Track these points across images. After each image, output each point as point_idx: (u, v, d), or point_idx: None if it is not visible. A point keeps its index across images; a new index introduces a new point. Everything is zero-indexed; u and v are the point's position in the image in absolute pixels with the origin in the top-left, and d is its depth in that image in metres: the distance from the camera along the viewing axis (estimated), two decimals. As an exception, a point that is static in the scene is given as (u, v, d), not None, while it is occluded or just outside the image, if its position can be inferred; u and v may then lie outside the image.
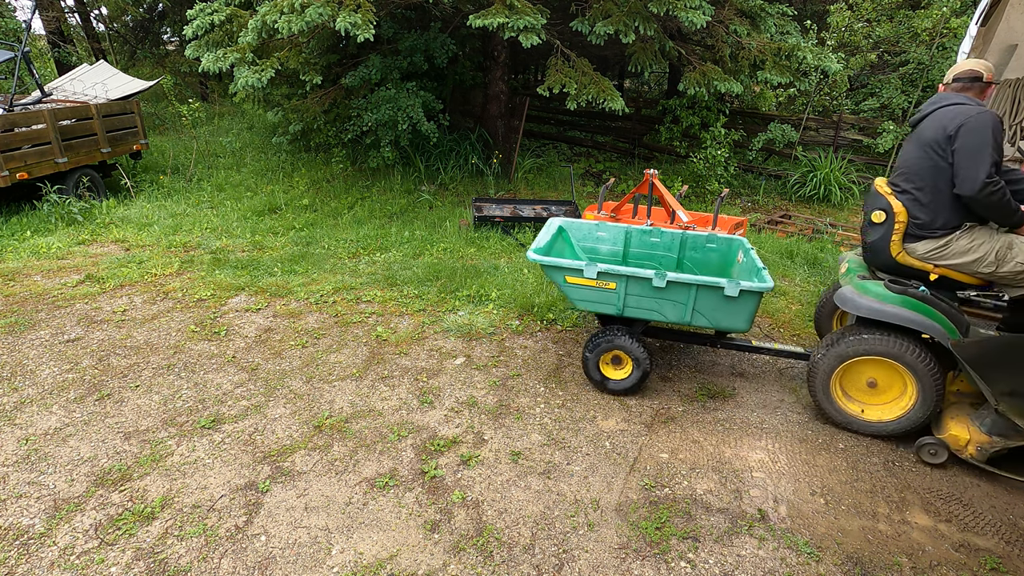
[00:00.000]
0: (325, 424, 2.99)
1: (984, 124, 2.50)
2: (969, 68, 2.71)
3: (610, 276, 3.05)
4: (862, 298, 2.80)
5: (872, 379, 2.95)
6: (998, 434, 2.59)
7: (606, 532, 2.36)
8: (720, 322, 3.02)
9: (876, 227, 2.85)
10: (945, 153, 2.59)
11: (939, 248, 2.72)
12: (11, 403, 3.10)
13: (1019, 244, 2.65)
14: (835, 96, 10.19)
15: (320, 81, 6.67)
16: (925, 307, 2.69)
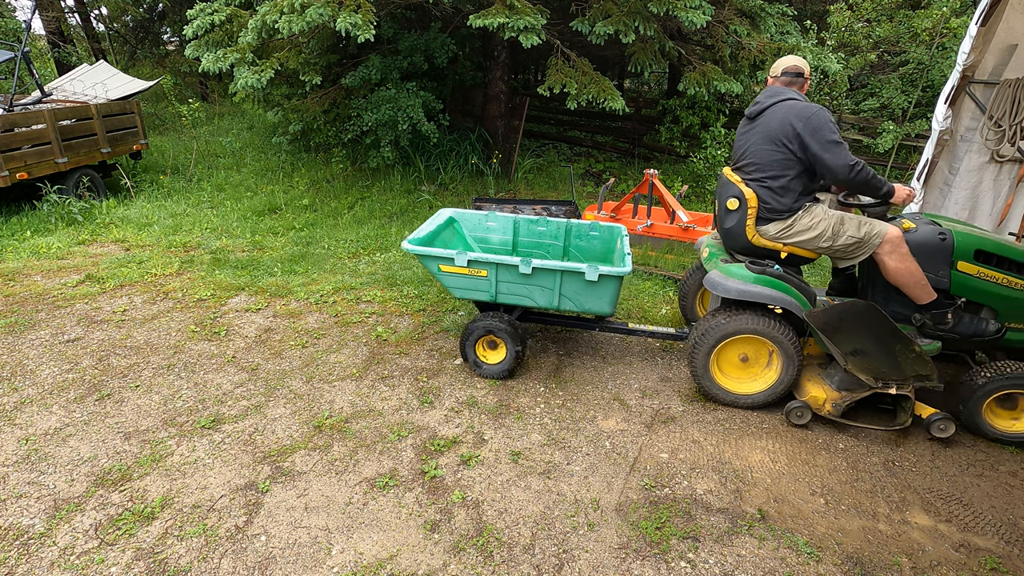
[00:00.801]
0: (325, 424, 2.99)
1: (825, 119, 2.80)
2: (793, 64, 2.98)
3: (480, 264, 3.20)
4: (729, 281, 3.01)
5: (744, 354, 3.17)
6: (846, 389, 2.96)
7: (606, 532, 2.36)
8: (585, 305, 3.21)
9: (731, 213, 3.07)
10: (793, 146, 2.85)
11: (786, 228, 2.98)
12: (11, 403, 3.10)
13: (849, 220, 2.93)
14: (835, 96, 10.19)
15: (320, 81, 6.68)
16: (781, 284, 2.96)
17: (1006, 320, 2.97)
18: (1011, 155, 4.15)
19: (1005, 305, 2.93)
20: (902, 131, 8.42)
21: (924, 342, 3.00)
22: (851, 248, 2.94)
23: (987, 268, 2.89)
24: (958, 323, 2.98)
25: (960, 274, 2.90)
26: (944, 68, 9.17)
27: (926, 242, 2.91)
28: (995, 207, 4.38)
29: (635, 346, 3.88)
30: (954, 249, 2.88)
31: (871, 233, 2.89)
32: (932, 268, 2.91)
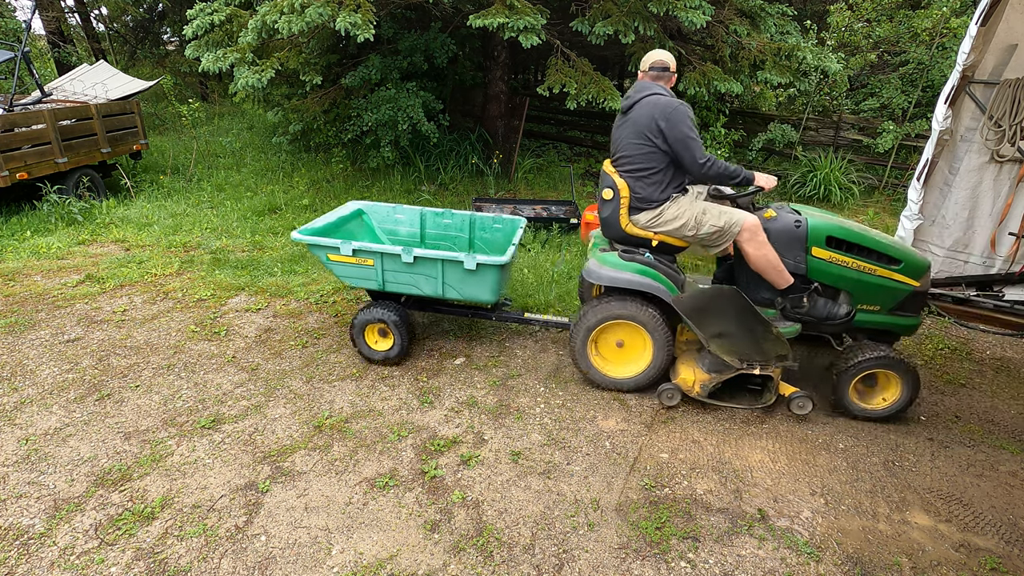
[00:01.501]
0: (325, 424, 2.99)
1: (683, 115, 2.93)
2: (660, 59, 3.10)
3: (366, 253, 3.30)
4: (602, 269, 3.15)
5: (620, 340, 3.29)
6: (715, 371, 3.09)
7: (606, 532, 2.36)
8: (467, 293, 3.33)
9: (607, 203, 3.17)
10: (658, 140, 2.97)
11: (655, 217, 3.10)
12: (11, 403, 3.10)
13: (711, 210, 3.06)
14: (835, 96, 10.19)
15: (320, 81, 6.67)
16: (650, 271, 3.10)
17: (859, 303, 3.10)
18: (1011, 155, 4.15)
19: (856, 288, 3.08)
20: (902, 131, 8.42)
21: (785, 325, 3.14)
22: (714, 236, 3.06)
23: (838, 253, 3.03)
24: (813, 306, 3.12)
25: (815, 259, 3.05)
26: (944, 68, 9.16)
27: (783, 229, 3.05)
28: (995, 207, 4.38)
29: (635, 346, 3.88)
30: (808, 236, 3.02)
31: (730, 222, 3.02)
32: (790, 254, 3.06)
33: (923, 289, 3.07)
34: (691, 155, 2.93)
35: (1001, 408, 3.35)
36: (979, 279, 4.53)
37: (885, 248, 3.02)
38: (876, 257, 3.03)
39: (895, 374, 3.04)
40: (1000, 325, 4.27)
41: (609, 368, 3.33)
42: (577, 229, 6.04)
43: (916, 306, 3.13)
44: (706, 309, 2.98)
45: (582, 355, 3.29)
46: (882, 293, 3.06)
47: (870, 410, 3.14)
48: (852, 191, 8.24)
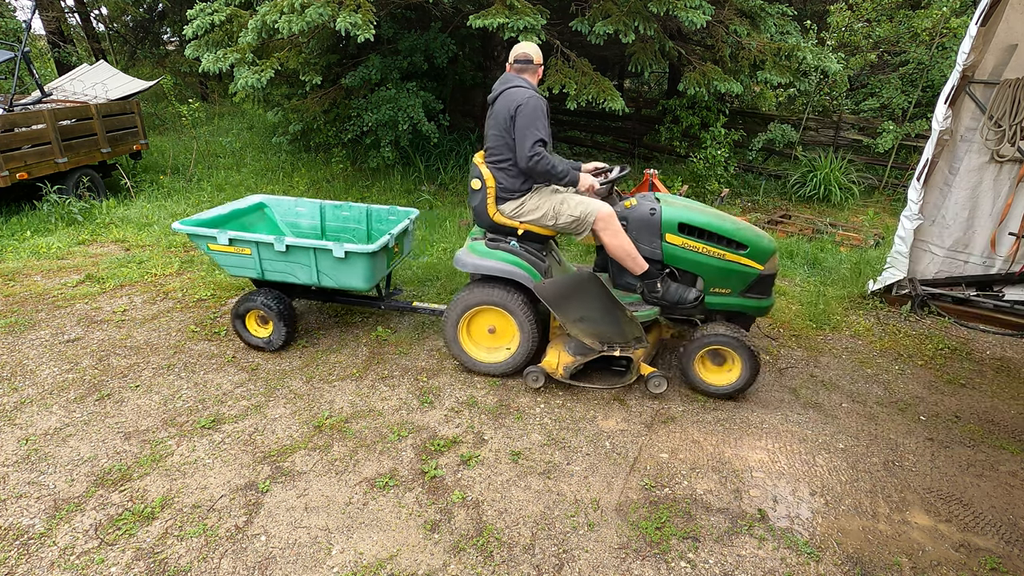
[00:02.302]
0: (325, 424, 2.99)
1: (534, 108, 2.99)
2: (524, 51, 3.18)
3: (242, 242, 3.42)
4: (469, 257, 3.26)
5: (492, 326, 3.39)
6: (578, 353, 3.22)
7: (606, 532, 2.36)
8: (341, 281, 3.43)
9: (475, 193, 3.26)
10: (510, 131, 3.05)
11: (519, 207, 3.20)
12: (11, 403, 3.10)
13: (569, 200, 3.17)
14: (835, 96, 10.19)
15: (320, 81, 6.67)
16: (514, 258, 3.20)
17: (712, 286, 3.25)
18: (1011, 155, 4.15)
19: (707, 272, 3.22)
20: (902, 131, 8.42)
21: (645, 309, 3.27)
22: (573, 225, 3.18)
23: (690, 239, 3.17)
24: (667, 291, 3.24)
25: (669, 245, 3.19)
26: (944, 68, 9.16)
27: (640, 218, 3.19)
28: (995, 207, 4.37)
29: (635, 346, 3.88)
30: (662, 223, 3.16)
31: (586, 212, 3.13)
32: (647, 240, 3.20)
33: (769, 272, 3.21)
34: (523, 145, 2.99)
35: (1001, 408, 3.35)
36: (979, 279, 4.53)
37: (732, 234, 3.15)
38: (725, 242, 3.16)
39: (736, 353, 3.18)
40: (1000, 325, 4.27)
41: (482, 354, 3.42)
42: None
43: (765, 288, 3.27)
44: (568, 295, 3.06)
45: (454, 342, 3.38)
46: (731, 277, 3.20)
47: (712, 386, 3.29)
48: (852, 191, 8.24)
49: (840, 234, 6.59)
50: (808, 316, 4.36)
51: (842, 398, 3.38)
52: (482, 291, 3.25)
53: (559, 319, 3.13)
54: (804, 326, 4.24)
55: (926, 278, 4.67)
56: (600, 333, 3.15)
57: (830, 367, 3.72)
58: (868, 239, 6.37)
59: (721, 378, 3.29)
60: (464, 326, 3.38)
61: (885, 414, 3.24)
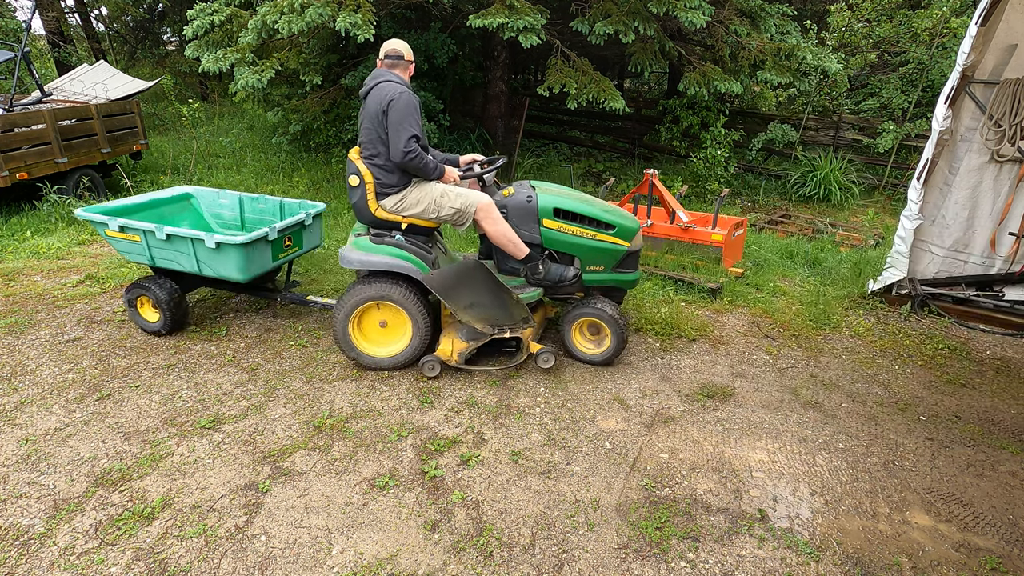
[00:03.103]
0: (325, 424, 2.99)
1: (406, 103, 3.04)
2: (394, 47, 3.25)
3: (131, 229, 3.55)
4: (352, 253, 3.28)
5: (383, 320, 3.42)
6: (471, 339, 3.36)
7: (606, 532, 2.36)
8: (219, 271, 3.52)
9: (353, 190, 3.27)
10: (383, 125, 3.08)
11: (400, 201, 3.24)
12: (11, 403, 3.10)
13: (449, 193, 3.26)
14: (835, 96, 10.19)
15: (320, 81, 6.67)
16: (400, 252, 3.25)
17: (587, 264, 3.48)
18: (1011, 155, 4.15)
19: (582, 252, 3.45)
20: (902, 131, 8.42)
21: (529, 290, 3.44)
22: (455, 217, 3.27)
23: (565, 223, 3.38)
24: (548, 272, 3.42)
25: (546, 229, 3.39)
26: (944, 68, 9.16)
27: (518, 205, 3.37)
28: (995, 207, 4.37)
29: (635, 346, 3.88)
30: (538, 209, 3.36)
31: (467, 203, 3.23)
32: (526, 226, 3.38)
33: (635, 248, 3.52)
34: (397, 141, 3.02)
35: (1001, 408, 3.35)
36: (979, 279, 4.53)
37: (601, 216, 3.40)
38: (595, 224, 3.41)
39: (607, 326, 3.47)
40: (1000, 325, 4.27)
41: (375, 349, 3.45)
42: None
43: (633, 263, 3.59)
44: (456, 283, 3.18)
45: (344, 339, 3.38)
46: (603, 255, 3.47)
47: (587, 354, 3.59)
48: (852, 191, 8.25)
49: (840, 234, 6.59)
50: (808, 316, 4.36)
51: (842, 398, 3.38)
52: (371, 287, 3.27)
53: (450, 308, 3.22)
54: (804, 326, 4.24)
55: (926, 278, 4.67)
56: (490, 317, 3.29)
57: (830, 367, 3.72)
58: (868, 239, 6.38)
59: (594, 347, 3.59)
60: (354, 322, 3.38)
61: (885, 414, 3.24)
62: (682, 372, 3.59)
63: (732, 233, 5.17)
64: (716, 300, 4.61)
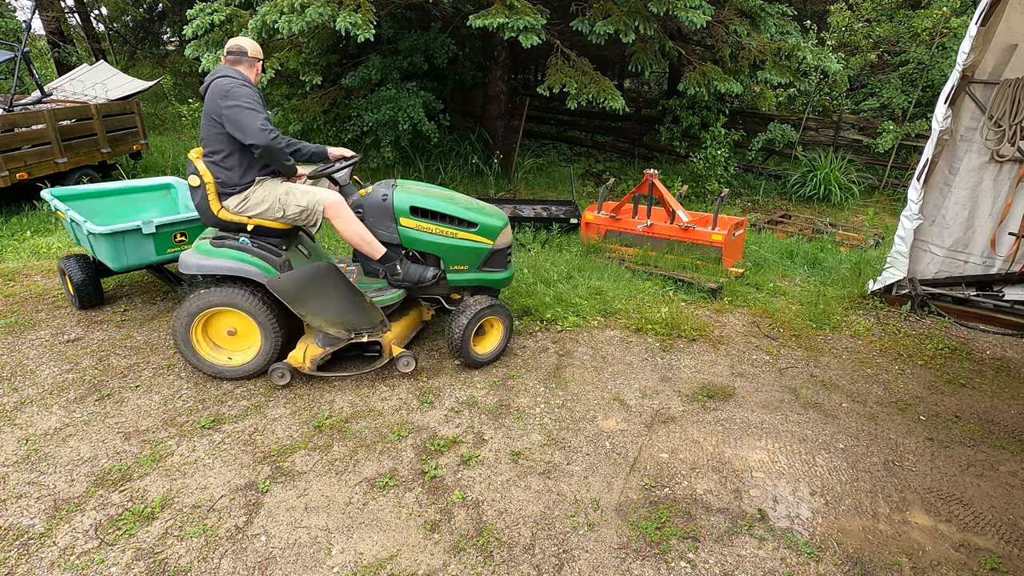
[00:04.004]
0: (325, 424, 2.99)
1: (239, 93, 2.94)
2: (237, 43, 3.17)
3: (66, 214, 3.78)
4: (193, 258, 3.11)
5: (232, 328, 3.27)
6: (328, 344, 3.22)
7: (606, 532, 2.36)
8: (100, 256, 3.69)
9: (194, 191, 3.14)
10: (221, 120, 2.96)
11: (243, 202, 3.11)
12: (11, 403, 3.10)
13: (294, 191, 3.15)
14: (835, 96, 10.19)
15: (320, 81, 6.68)
16: (242, 255, 3.09)
17: (451, 264, 3.39)
18: (1011, 155, 4.15)
19: (443, 251, 3.36)
20: (902, 131, 8.42)
21: (390, 292, 3.35)
22: (303, 216, 3.14)
23: (423, 221, 3.28)
24: (406, 272, 3.33)
25: (404, 228, 3.29)
26: (944, 68, 9.17)
27: (374, 204, 3.27)
28: (995, 207, 4.38)
29: (635, 346, 3.88)
30: (394, 207, 3.25)
31: (313, 201, 3.12)
32: (383, 225, 3.28)
33: (500, 247, 3.43)
34: (251, 127, 2.89)
35: (1001, 408, 3.35)
36: (979, 279, 4.53)
37: (461, 214, 3.30)
38: (456, 222, 3.31)
39: (498, 319, 3.47)
40: (1000, 325, 4.27)
41: (223, 358, 3.29)
42: (577, 229, 6.04)
43: (500, 261, 3.50)
44: (305, 287, 2.98)
45: (187, 348, 3.20)
46: (466, 254, 3.37)
47: (483, 355, 3.49)
48: (852, 191, 8.25)
49: (840, 234, 6.59)
50: (808, 316, 4.36)
51: (842, 398, 3.38)
52: (212, 293, 3.09)
53: (296, 313, 3.06)
54: (804, 326, 4.24)
55: (926, 278, 4.67)
56: (345, 322, 3.15)
57: (830, 367, 3.72)
58: (868, 239, 6.38)
59: (487, 346, 3.53)
60: (199, 330, 3.21)
61: (885, 414, 3.24)
62: (682, 372, 3.59)
63: (732, 233, 5.17)
64: (716, 300, 4.61)
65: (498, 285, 3.57)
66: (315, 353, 3.21)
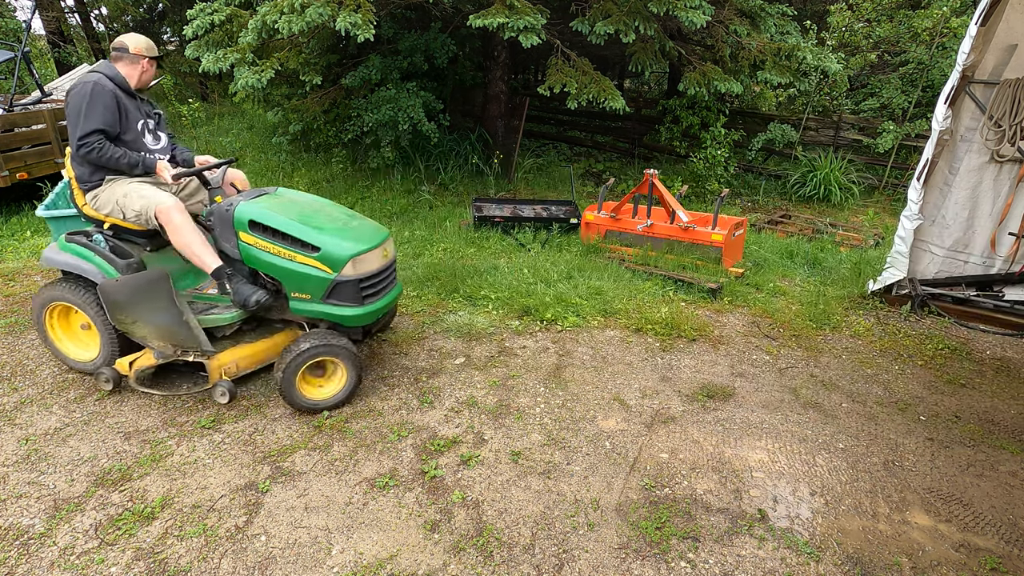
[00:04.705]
0: (325, 424, 2.99)
1: (84, 91, 2.87)
2: (121, 40, 3.10)
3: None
4: (50, 251, 3.13)
5: (84, 322, 3.25)
6: (161, 357, 3.03)
7: (606, 532, 2.36)
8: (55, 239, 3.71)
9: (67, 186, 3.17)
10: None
11: (94, 199, 3.08)
12: (11, 403, 3.10)
13: (132, 194, 3.02)
14: (835, 96, 10.19)
15: (320, 81, 6.67)
16: (84, 252, 3.01)
17: (292, 290, 2.97)
18: (1011, 155, 4.15)
19: (281, 274, 2.96)
20: (902, 131, 8.42)
21: (227, 312, 3.06)
22: (140, 220, 3.03)
23: (261, 238, 2.91)
24: (236, 292, 2.98)
25: (243, 244, 2.96)
26: (944, 68, 9.17)
27: (220, 214, 2.97)
28: (995, 207, 4.37)
29: (635, 346, 3.88)
30: (234, 220, 2.93)
31: (146, 206, 2.97)
32: (227, 238, 2.98)
33: (347, 279, 2.90)
34: (72, 136, 2.87)
35: (1001, 408, 3.35)
36: (979, 279, 4.53)
37: (304, 234, 2.88)
38: (295, 243, 2.90)
39: (341, 361, 3.00)
40: (1000, 325, 4.27)
41: (77, 351, 3.31)
42: (577, 229, 6.04)
43: (349, 296, 2.95)
44: (135, 295, 2.86)
45: (42, 336, 3.26)
46: (306, 281, 2.92)
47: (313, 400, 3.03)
48: (852, 191, 8.24)
49: (840, 234, 6.59)
50: (808, 316, 4.36)
51: (842, 398, 3.38)
52: (54, 287, 3.14)
53: (114, 322, 2.95)
54: (804, 326, 4.24)
55: (926, 278, 4.67)
56: (171, 337, 2.95)
57: (830, 367, 3.72)
58: (868, 239, 6.38)
59: (327, 391, 3.09)
60: (54, 319, 3.26)
61: (885, 414, 3.24)
62: (682, 372, 3.59)
63: (732, 233, 5.17)
64: (716, 300, 4.61)
65: (348, 323, 3.02)
66: (143, 364, 3.07)
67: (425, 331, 4.01)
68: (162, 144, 3.28)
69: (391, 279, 3.21)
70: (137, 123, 3.11)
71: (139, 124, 3.13)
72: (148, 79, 3.20)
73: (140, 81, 3.16)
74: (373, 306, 3.03)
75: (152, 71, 3.20)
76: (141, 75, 3.14)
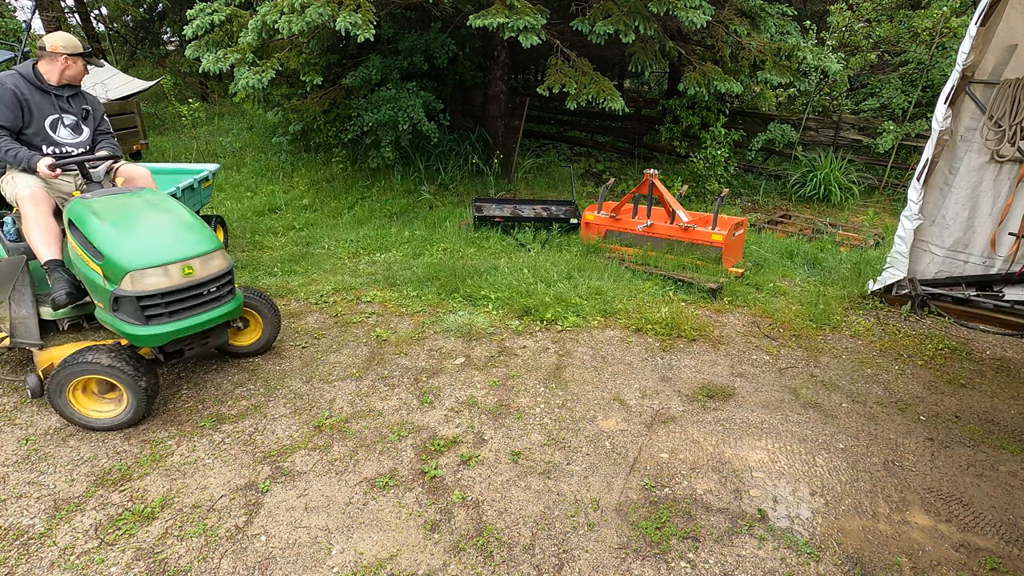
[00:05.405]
0: (325, 424, 2.99)
1: None
2: (42, 39, 3.20)
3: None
4: None
5: None
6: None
7: (606, 532, 2.36)
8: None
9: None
10: None
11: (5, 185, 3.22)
12: (11, 403, 3.10)
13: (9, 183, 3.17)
14: (835, 96, 10.20)
15: (320, 81, 6.67)
16: None
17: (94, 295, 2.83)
18: (1011, 155, 4.15)
19: (82, 277, 2.86)
20: (902, 131, 8.42)
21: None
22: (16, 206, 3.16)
23: (74, 238, 2.79)
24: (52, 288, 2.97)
25: (66, 241, 2.96)
26: (944, 68, 9.17)
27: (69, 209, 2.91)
28: (995, 207, 4.37)
29: (635, 346, 3.88)
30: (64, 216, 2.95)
31: (12, 195, 3.15)
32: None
33: (125, 294, 2.63)
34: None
35: (1001, 408, 3.35)
36: (979, 279, 4.53)
37: (97, 239, 2.67)
38: (91, 249, 2.71)
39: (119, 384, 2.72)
40: (1000, 325, 4.27)
41: None
42: (577, 229, 6.04)
43: (131, 313, 2.66)
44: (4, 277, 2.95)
45: None
46: (95, 289, 2.76)
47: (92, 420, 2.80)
48: (852, 191, 8.25)
49: (840, 234, 6.59)
50: (808, 316, 4.36)
51: (842, 398, 3.38)
52: None
53: None
54: (804, 326, 4.24)
55: (926, 278, 4.67)
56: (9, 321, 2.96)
57: (830, 367, 3.72)
58: (868, 239, 6.38)
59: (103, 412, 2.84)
60: None
61: (885, 414, 3.24)
62: (682, 372, 3.59)
63: (732, 233, 5.17)
64: (716, 300, 4.61)
65: (135, 343, 2.75)
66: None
67: (425, 331, 4.01)
68: (82, 138, 3.37)
69: (209, 298, 2.87)
70: (46, 118, 3.21)
71: (49, 119, 3.21)
72: (74, 75, 3.28)
73: (64, 77, 3.24)
74: (163, 328, 2.70)
75: (77, 67, 3.28)
76: (63, 71, 3.21)
